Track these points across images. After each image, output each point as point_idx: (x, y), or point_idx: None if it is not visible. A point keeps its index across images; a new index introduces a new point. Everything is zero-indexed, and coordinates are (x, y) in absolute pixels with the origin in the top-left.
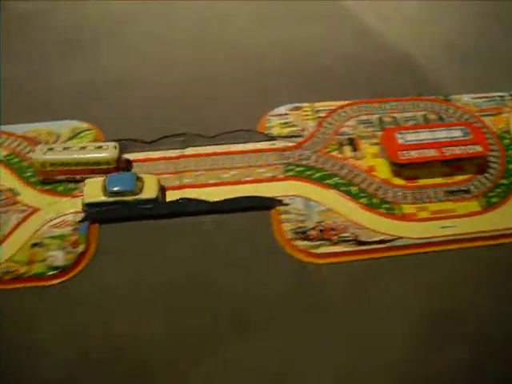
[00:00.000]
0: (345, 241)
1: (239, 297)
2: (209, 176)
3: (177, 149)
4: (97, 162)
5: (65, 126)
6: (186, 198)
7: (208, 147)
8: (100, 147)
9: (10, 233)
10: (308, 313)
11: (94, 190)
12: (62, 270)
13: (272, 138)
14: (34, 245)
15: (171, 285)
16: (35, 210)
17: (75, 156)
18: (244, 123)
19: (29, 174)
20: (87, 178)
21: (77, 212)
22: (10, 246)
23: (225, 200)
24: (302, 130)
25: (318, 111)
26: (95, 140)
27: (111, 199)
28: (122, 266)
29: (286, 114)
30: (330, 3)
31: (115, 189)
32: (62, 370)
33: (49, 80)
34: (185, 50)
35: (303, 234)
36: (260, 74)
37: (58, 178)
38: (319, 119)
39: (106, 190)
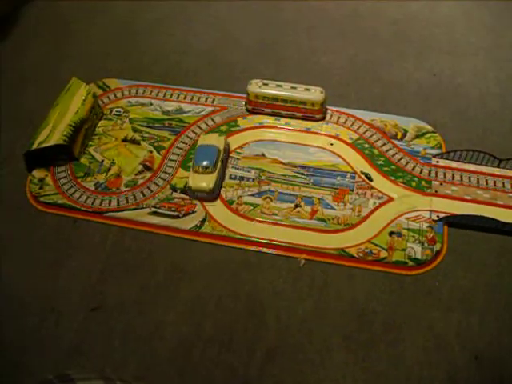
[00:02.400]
0: None
1: None
2: None
3: None
4: (303, 102)
5: (410, 123)
6: None
7: None
8: (308, 89)
9: (368, 215)
10: None
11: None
12: (421, 264)
13: None
14: (392, 233)
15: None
16: (390, 199)
17: (286, 93)
18: None
19: (380, 162)
20: (291, 114)
21: (431, 210)
22: (369, 228)
23: None
24: None
25: None
26: (438, 145)
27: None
28: (471, 272)
29: None
30: None
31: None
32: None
33: (393, 72)
34: None
35: None
36: None
37: (265, 111)
38: None
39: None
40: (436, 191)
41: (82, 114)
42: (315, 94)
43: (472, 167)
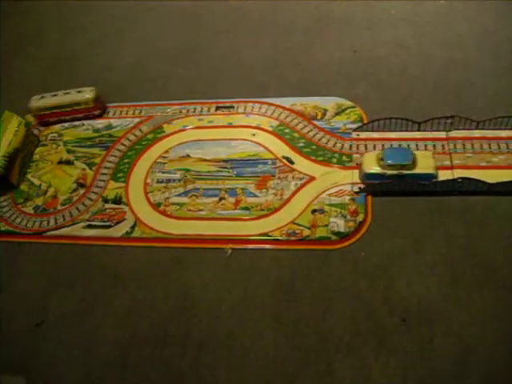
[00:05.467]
0: None
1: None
2: (478, 158)
3: (442, 131)
4: (77, 103)
5: (330, 102)
6: (465, 178)
7: (474, 131)
8: (80, 91)
9: (291, 197)
10: None
11: (370, 161)
12: (344, 236)
13: None
14: (315, 210)
15: (448, 262)
16: (311, 179)
17: (59, 100)
18: (504, 110)
19: (301, 144)
20: (76, 118)
21: (352, 183)
22: (292, 209)
23: (502, 182)
24: None
25: None
26: (359, 118)
27: (387, 171)
28: (397, 237)
29: None
30: None
31: (390, 162)
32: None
33: (310, 57)
34: (435, 35)
35: None
36: None
37: (51, 120)
38: None
39: (381, 162)
40: (357, 164)
41: (15, 145)
42: (86, 93)
43: (393, 135)
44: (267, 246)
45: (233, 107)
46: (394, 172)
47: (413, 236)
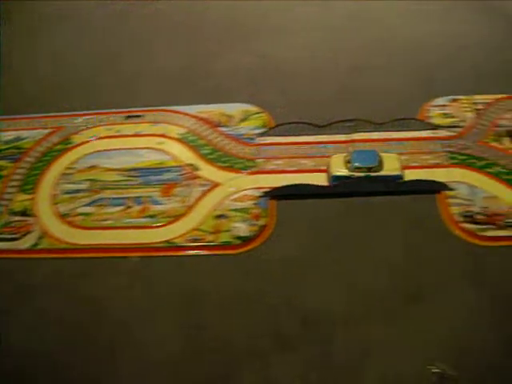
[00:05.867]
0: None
1: (411, 272)
2: None
3: (345, 134)
4: None
5: (236, 108)
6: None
7: (375, 133)
8: None
9: (195, 204)
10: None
11: (338, 163)
12: (246, 241)
13: (434, 128)
14: (218, 216)
15: (350, 261)
16: (216, 185)
17: None
18: (405, 112)
19: (206, 151)
20: None
21: (256, 188)
22: (195, 216)
23: (404, 182)
24: (462, 121)
25: (475, 103)
26: (265, 124)
27: (354, 174)
28: (301, 241)
29: (445, 106)
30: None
31: (357, 164)
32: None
33: (219, 64)
34: (344, 39)
35: (470, 218)
36: (418, 64)
37: None
38: (477, 111)
39: (349, 165)
40: (261, 169)
41: None
42: None
43: (297, 139)
44: (172, 253)
45: (141, 116)
46: (362, 174)
47: (318, 239)
